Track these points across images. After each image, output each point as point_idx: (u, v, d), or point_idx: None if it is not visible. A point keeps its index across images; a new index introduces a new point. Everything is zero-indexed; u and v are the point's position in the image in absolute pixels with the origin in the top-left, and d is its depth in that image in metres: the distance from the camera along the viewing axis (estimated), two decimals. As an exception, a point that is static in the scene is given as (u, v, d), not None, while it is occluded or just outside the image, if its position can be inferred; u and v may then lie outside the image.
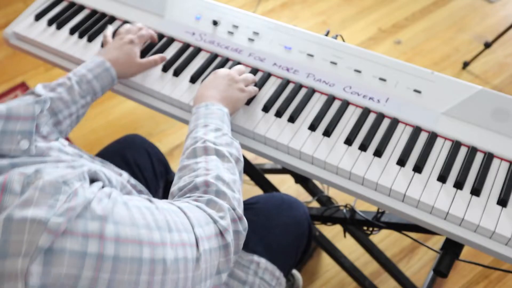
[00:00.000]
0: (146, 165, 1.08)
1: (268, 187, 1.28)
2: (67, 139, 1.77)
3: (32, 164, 0.50)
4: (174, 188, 0.71)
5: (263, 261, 0.87)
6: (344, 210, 1.17)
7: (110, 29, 1.05)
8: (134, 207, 0.52)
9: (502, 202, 0.78)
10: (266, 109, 0.94)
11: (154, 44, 1.07)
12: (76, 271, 0.43)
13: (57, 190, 0.45)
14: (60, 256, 0.42)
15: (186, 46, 1.06)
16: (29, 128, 0.53)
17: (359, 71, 0.98)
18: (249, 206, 0.96)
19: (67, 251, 0.42)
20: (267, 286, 0.86)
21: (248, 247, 0.89)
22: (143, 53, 1.05)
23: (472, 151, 0.84)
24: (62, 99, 0.86)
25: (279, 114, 0.92)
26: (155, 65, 1.01)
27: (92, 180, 0.54)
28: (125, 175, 0.71)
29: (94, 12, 1.16)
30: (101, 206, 0.47)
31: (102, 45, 1.06)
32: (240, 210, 0.68)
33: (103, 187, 0.53)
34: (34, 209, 0.42)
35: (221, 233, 0.62)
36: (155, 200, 0.58)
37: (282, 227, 0.93)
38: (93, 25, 1.12)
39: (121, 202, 0.51)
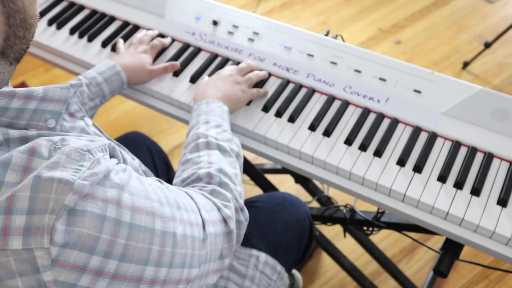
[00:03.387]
0: (147, 162, 1.08)
1: (268, 187, 1.28)
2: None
3: (57, 135, 0.52)
4: (177, 180, 0.73)
5: (262, 255, 0.88)
6: (344, 210, 1.17)
7: (121, 41, 1.06)
8: (147, 183, 0.54)
9: (502, 202, 0.78)
10: (266, 109, 0.94)
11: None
12: (96, 233, 0.45)
13: (82, 157, 0.47)
14: (82, 217, 0.44)
15: (186, 46, 1.06)
16: (58, 110, 0.55)
17: (359, 71, 0.98)
18: (251, 204, 0.96)
19: (88, 213, 0.45)
20: (267, 280, 0.87)
21: (251, 243, 0.89)
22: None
23: (472, 151, 0.84)
24: None
25: (279, 114, 0.92)
26: (165, 72, 1.00)
27: (110, 156, 0.56)
28: (137, 160, 0.74)
29: (94, 12, 1.16)
30: (119, 177, 0.50)
31: (114, 50, 1.07)
32: (242, 201, 0.70)
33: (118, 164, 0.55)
34: (61, 171, 0.45)
35: (225, 220, 0.64)
36: (164, 182, 0.61)
37: (283, 224, 0.93)
38: (93, 25, 1.12)
39: (135, 177, 0.53)
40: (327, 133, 0.89)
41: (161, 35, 1.09)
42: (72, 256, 0.44)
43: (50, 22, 1.14)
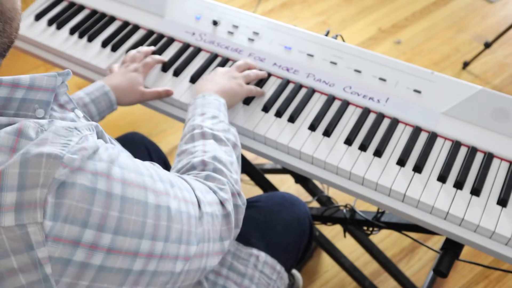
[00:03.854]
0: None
1: (268, 187, 1.28)
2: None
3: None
4: (173, 171, 0.73)
5: (262, 255, 0.88)
6: (344, 210, 1.17)
7: (116, 65, 1.04)
8: (138, 161, 0.55)
9: (502, 202, 0.78)
10: (266, 109, 0.94)
11: (154, 45, 1.07)
12: (87, 205, 0.45)
13: (70, 133, 0.47)
14: (72, 190, 0.44)
15: (186, 46, 1.06)
16: (47, 99, 0.54)
17: (359, 71, 0.98)
18: (251, 204, 0.96)
19: (78, 185, 0.45)
20: (267, 279, 0.87)
21: (251, 243, 0.89)
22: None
23: (472, 151, 0.84)
24: None
25: (279, 114, 0.92)
26: (158, 97, 0.98)
27: (98, 138, 0.56)
28: (128, 153, 0.74)
29: (94, 12, 1.16)
30: (108, 153, 0.50)
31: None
32: (238, 187, 0.70)
33: None
34: (50, 146, 0.44)
35: (222, 203, 0.65)
36: (157, 164, 0.61)
37: (283, 224, 0.94)
38: (93, 25, 1.12)
39: (126, 155, 0.53)
40: (327, 133, 0.89)
41: (161, 35, 1.09)
42: (65, 229, 0.44)
43: (50, 22, 1.14)
